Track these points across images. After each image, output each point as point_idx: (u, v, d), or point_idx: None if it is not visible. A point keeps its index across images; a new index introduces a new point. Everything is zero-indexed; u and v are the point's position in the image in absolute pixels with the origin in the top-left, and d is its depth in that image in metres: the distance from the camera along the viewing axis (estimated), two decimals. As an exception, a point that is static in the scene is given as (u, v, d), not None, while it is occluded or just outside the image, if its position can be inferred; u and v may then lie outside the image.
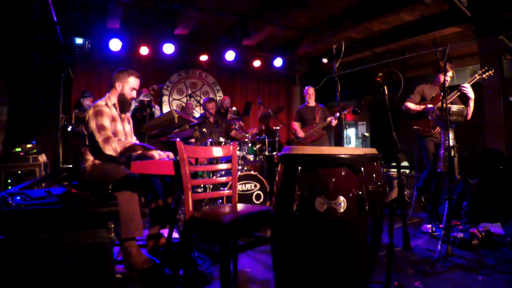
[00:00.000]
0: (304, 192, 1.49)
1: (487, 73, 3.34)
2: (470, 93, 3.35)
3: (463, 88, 3.34)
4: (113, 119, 2.59)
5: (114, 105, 2.67)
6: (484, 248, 2.80)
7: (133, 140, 2.86)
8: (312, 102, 5.41)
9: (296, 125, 5.47)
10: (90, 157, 2.53)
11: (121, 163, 2.59)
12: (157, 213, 2.69)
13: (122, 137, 2.65)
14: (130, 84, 2.69)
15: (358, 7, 5.43)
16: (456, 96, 3.42)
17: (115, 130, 2.59)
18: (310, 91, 5.44)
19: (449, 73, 3.51)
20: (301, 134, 5.29)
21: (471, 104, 3.41)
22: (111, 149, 2.44)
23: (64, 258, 1.42)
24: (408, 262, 2.51)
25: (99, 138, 2.43)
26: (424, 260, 2.57)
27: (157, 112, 5.26)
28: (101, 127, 2.45)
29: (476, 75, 3.38)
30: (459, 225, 3.31)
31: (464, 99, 3.42)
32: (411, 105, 3.68)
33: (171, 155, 2.62)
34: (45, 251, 1.40)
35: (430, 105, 3.47)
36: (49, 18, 4.54)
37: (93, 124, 2.46)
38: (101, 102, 2.58)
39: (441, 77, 3.51)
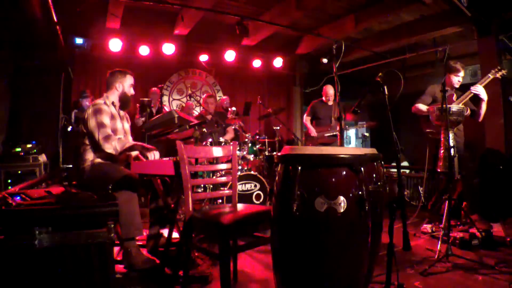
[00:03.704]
0: (304, 192, 1.49)
1: (500, 73, 3.21)
2: (483, 94, 3.19)
3: (472, 90, 3.19)
4: (112, 117, 2.61)
5: (112, 103, 2.69)
6: (484, 248, 2.80)
7: (129, 139, 2.86)
8: (331, 102, 5.03)
9: (308, 120, 5.11)
10: (89, 157, 2.53)
11: (120, 161, 2.59)
12: (157, 213, 2.69)
13: (121, 135, 2.67)
14: (129, 82, 2.75)
15: (358, 7, 5.43)
16: (468, 97, 3.26)
17: (114, 128, 2.60)
18: (331, 91, 4.97)
19: (461, 73, 3.38)
20: (314, 133, 4.92)
21: (484, 106, 3.25)
22: (111, 147, 2.44)
23: (64, 258, 1.42)
24: (408, 262, 2.51)
25: (100, 136, 2.44)
26: (424, 260, 2.58)
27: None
28: (101, 125, 2.46)
29: (489, 75, 3.22)
30: (459, 225, 3.31)
31: (476, 100, 3.27)
32: (422, 107, 3.44)
33: None
34: (45, 251, 1.40)
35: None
36: (49, 18, 4.54)
37: (92, 122, 2.46)
38: (99, 101, 2.60)
39: (452, 78, 3.40)
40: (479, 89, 3.19)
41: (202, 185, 3.83)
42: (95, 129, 2.45)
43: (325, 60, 2.66)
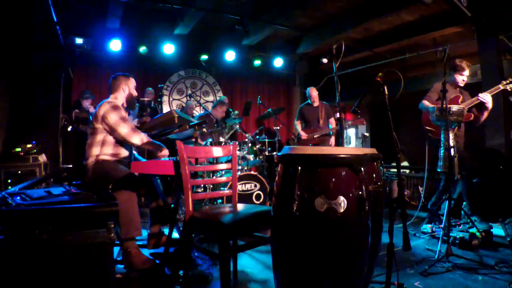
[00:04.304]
0: (304, 192, 1.49)
1: (510, 85, 3.11)
2: (489, 103, 3.13)
3: (480, 97, 3.14)
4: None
5: (122, 104, 2.74)
6: (484, 248, 2.80)
7: None
8: (316, 103, 5.22)
9: (299, 125, 5.31)
10: (94, 152, 2.54)
11: (123, 159, 2.61)
12: (157, 213, 2.70)
13: None
14: (132, 84, 2.80)
15: (358, 7, 5.43)
16: (474, 104, 3.21)
17: None
18: (313, 93, 5.18)
19: (466, 72, 3.34)
20: (304, 136, 5.13)
21: (486, 114, 3.22)
22: (138, 138, 2.51)
23: (64, 258, 1.42)
24: (408, 262, 2.51)
25: (127, 127, 2.50)
26: (424, 260, 2.58)
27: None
28: (124, 119, 2.53)
29: (500, 86, 3.12)
30: (459, 225, 3.31)
31: (481, 107, 3.23)
32: (428, 104, 3.38)
33: None
34: (45, 251, 1.40)
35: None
36: (49, 18, 4.54)
37: (114, 117, 2.50)
38: (113, 100, 2.67)
39: (456, 76, 3.36)
40: (488, 98, 3.12)
41: (202, 185, 3.83)
42: (120, 122, 2.49)
43: (325, 60, 2.66)
